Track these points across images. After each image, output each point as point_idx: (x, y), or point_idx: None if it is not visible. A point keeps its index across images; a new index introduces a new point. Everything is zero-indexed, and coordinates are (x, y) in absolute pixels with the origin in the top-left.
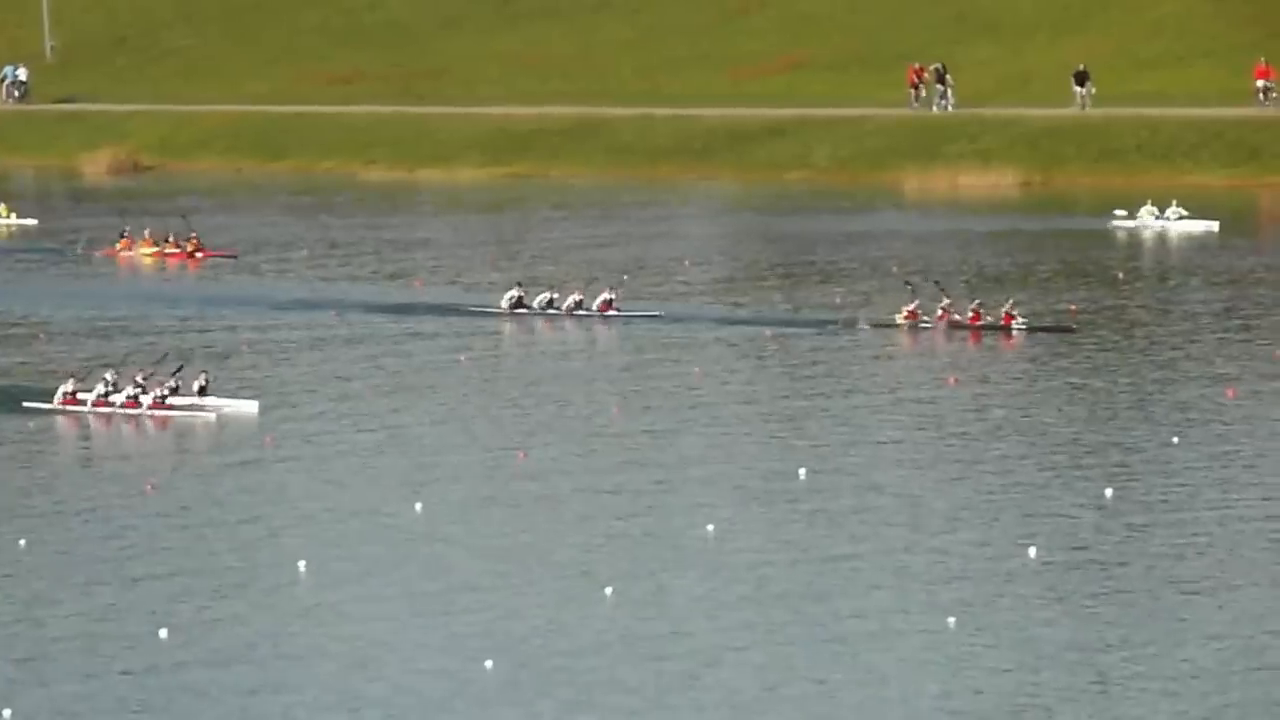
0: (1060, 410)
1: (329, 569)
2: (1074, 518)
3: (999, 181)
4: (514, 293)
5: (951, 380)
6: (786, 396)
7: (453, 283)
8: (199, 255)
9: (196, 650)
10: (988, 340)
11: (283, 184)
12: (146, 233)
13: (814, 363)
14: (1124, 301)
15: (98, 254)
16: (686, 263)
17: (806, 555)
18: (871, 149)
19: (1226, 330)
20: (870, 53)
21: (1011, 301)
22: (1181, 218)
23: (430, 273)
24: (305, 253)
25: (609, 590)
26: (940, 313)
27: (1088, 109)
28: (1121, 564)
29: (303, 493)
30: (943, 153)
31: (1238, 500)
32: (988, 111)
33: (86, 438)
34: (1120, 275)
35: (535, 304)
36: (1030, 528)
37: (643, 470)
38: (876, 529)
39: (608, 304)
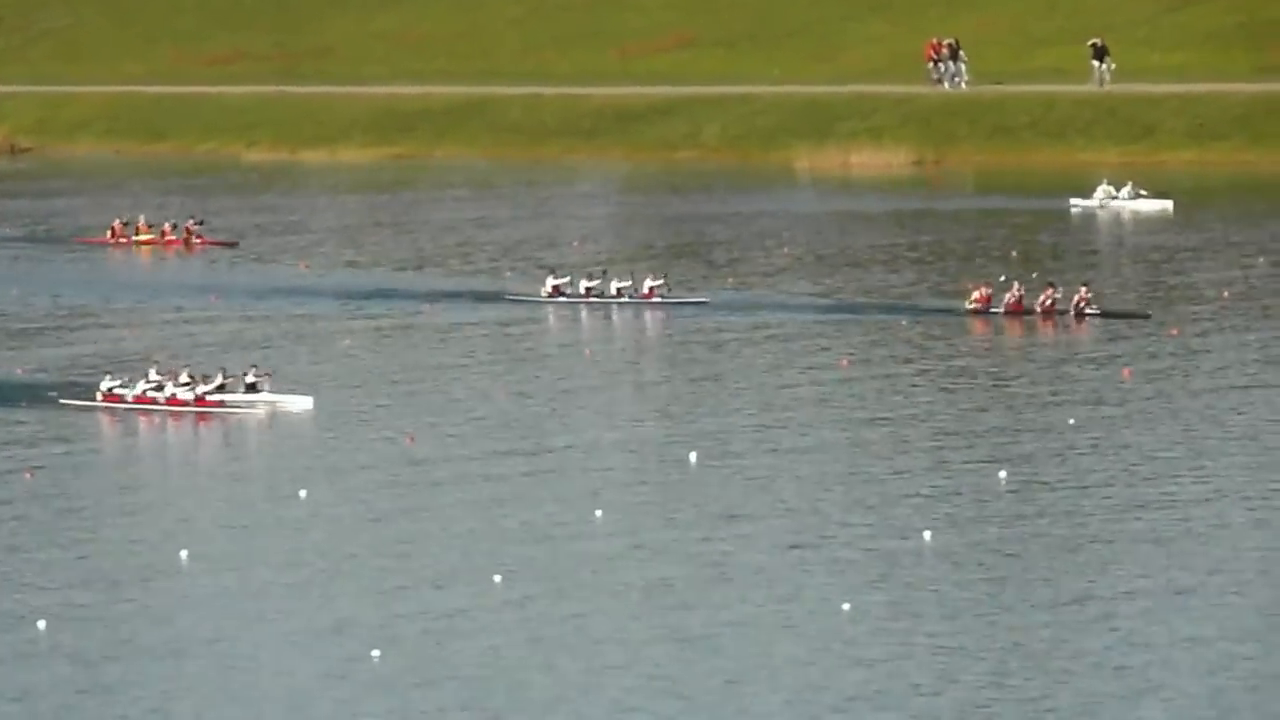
0: (956, 394)
1: (212, 557)
2: (969, 502)
3: (891, 160)
4: (554, 280)
5: (843, 362)
6: (681, 379)
7: (350, 265)
8: (196, 243)
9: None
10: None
11: (163, 166)
12: (141, 219)
13: (717, 347)
14: (1030, 284)
15: (81, 241)
16: (575, 243)
17: (698, 542)
18: (762, 127)
19: (1132, 312)
20: (760, 30)
21: (1085, 287)
22: (1136, 197)
23: (320, 256)
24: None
25: (497, 578)
26: (1011, 299)
27: (1107, 85)
28: (1015, 546)
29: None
30: (834, 131)
31: (1133, 480)
32: (880, 89)
33: (130, 435)
34: (1051, 256)
35: (580, 290)
36: (925, 512)
37: (531, 456)
38: (769, 514)
39: (652, 290)
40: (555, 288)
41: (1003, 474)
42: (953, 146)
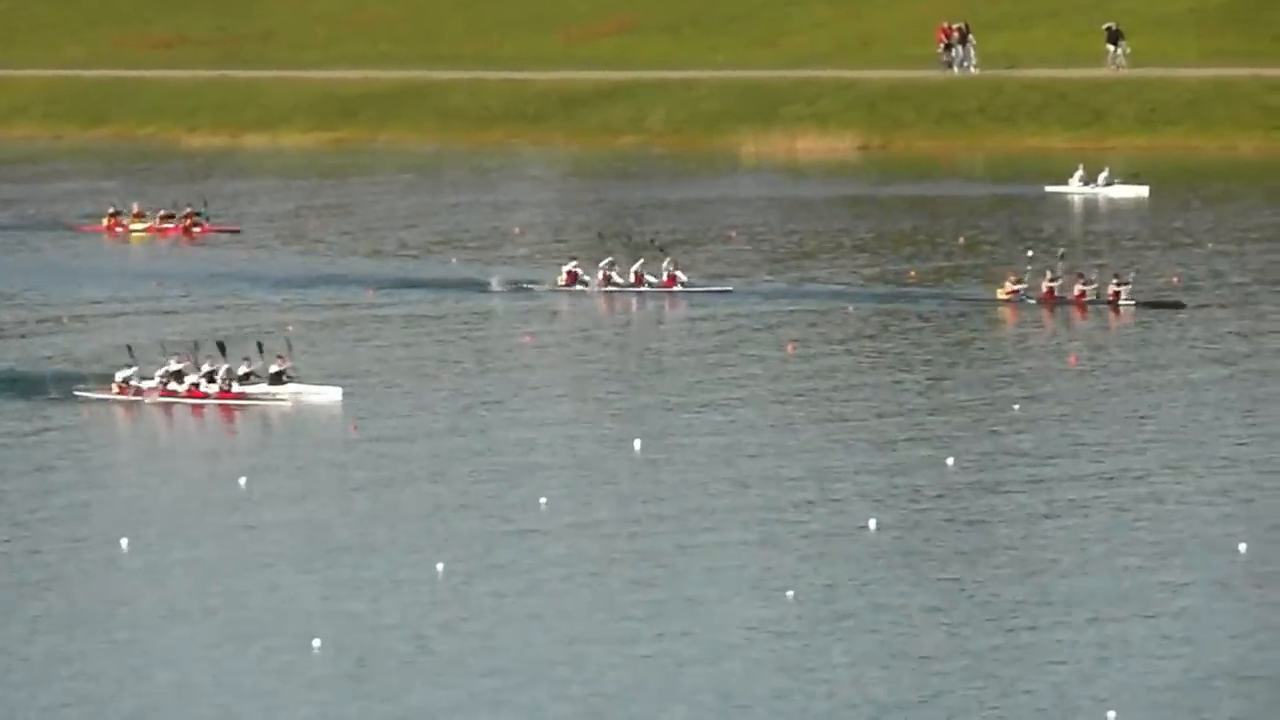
0: (901, 379)
1: (154, 544)
2: (916, 487)
3: (837, 145)
4: (569, 267)
5: (789, 348)
6: (629, 368)
7: (304, 253)
8: (197, 231)
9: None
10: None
11: (104, 151)
12: (135, 207)
13: (663, 333)
14: (959, 265)
15: (80, 230)
16: (516, 230)
17: (642, 528)
18: (706, 112)
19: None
20: (703, 14)
21: (1117, 277)
22: (1111, 183)
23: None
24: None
25: (440, 566)
26: (1045, 289)
27: (1122, 70)
28: (963, 530)
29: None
30: (779, 115)
31: (1078, 465)
32: (825, 73)
33: (145, 429)
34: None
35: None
36: (872, 498)
37: (485, 449)
38: (717, 501)
39: (673, 278)
40: (570, 274)
41: (950, 460)
42: (900, 131)
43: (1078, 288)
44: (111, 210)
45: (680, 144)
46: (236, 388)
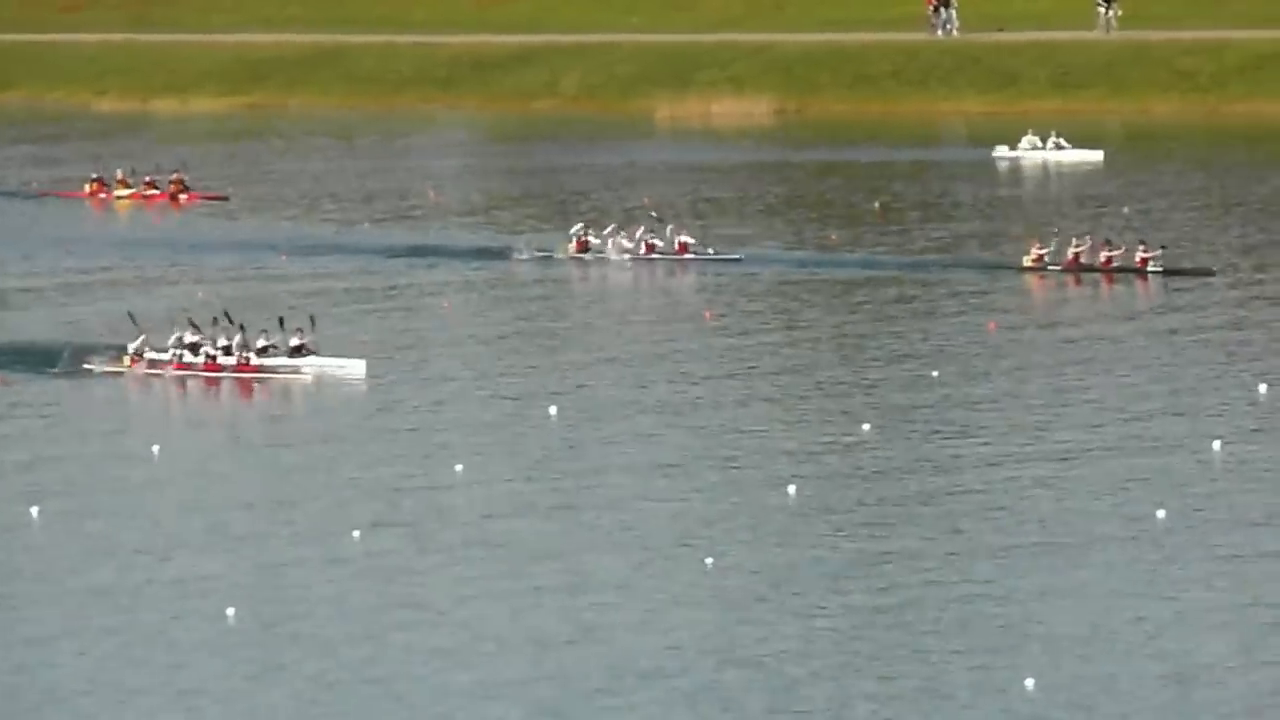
0: (817, 348)
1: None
2: (833, 453)
3: (752, 109)
4: (579, 228)
5: (706, 314)
6: (545, 335)
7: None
8: (182, 199)
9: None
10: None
11: (10, 115)
12: (119, 173)
13: (588, 298)
14: (881, 237)
15: (56, 195)
16: (431, 193)
17: (558, 497)
18: (622, 76)
19: (995, 264)
20: None
21: (1144, 245)
22: (1062, 148)
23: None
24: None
25: (356, 534)
26: (1070, 255)
27: (1113, 32)
28: (878, 497)
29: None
30: (695, 80)
31: (995, 431)
32: (740, 37)
33: (159, 402)
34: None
35: (609, 246)
36: (789, 465)
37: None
38: (635, 470)
39: (684, 246)
40: (581, 242)
41: (866, 426)
42: (815, 95)
43: (1104, 254)
44: (95, 176)
45: (595, 108)
46: (255, 360)
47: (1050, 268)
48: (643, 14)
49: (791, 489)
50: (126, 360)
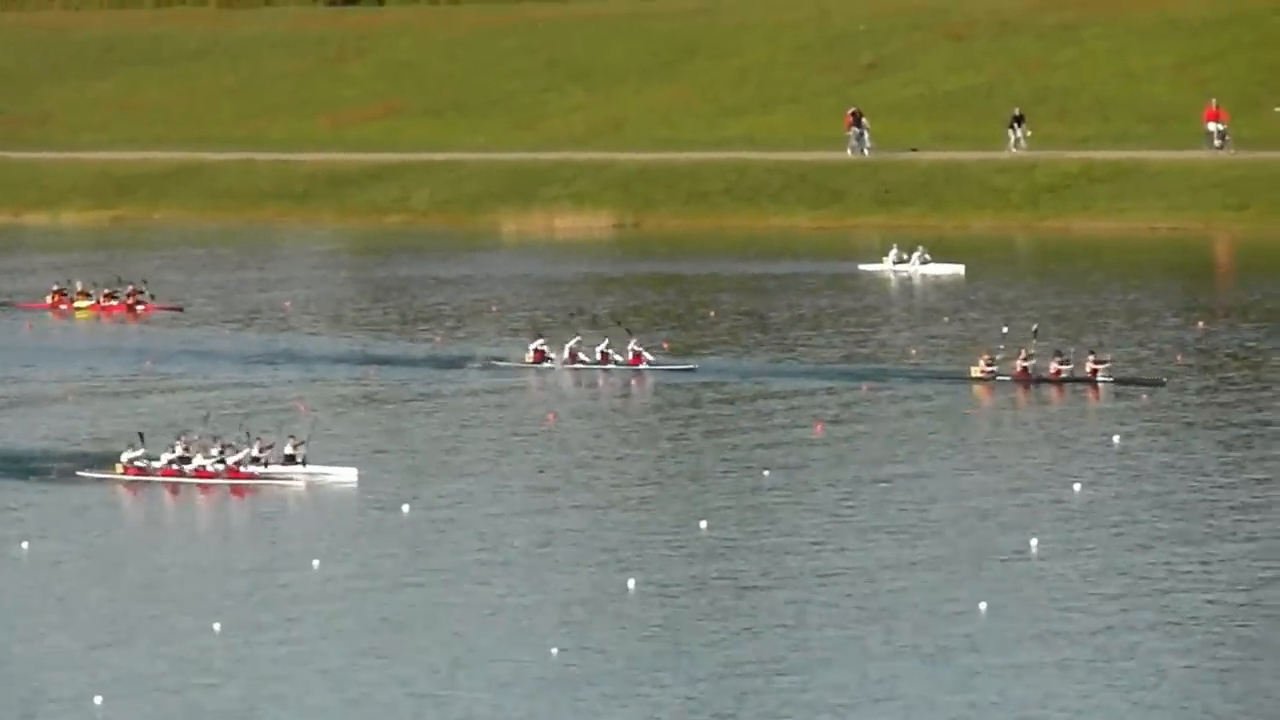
0: (657, 448)
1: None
2: (671, 549)
3: (593, 224)
4: (537, 344)
5: (550, 417)
6: (407, 432)
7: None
8: (141, 309)
9: None
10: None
11: None
12: (79, 285)
13: (419, 401)
14: (743, 344)
15: (20, 307)
16: (286, 304)
17: (404, 590)
18: (470, 192)
19: (822, 368)
20: (465, 99)
21: (1094, 355)
22: (926, 262)
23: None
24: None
25: (217, 626)
26: (1020, 367)
27: (1023, 150)
28: (718, 591)
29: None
30: (538, 195)
31: (824, 530)
32: (581, 155)
33: (153, 509)
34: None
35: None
36: (628, 559)
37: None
38: (477, 562)
39: (638, 356)
40: (538, 352)
41: (704, 524)
42: (651, 210)
43: (1054, 365)
44: (56, 288)
45: (444, 222)
46: (246, 468)
47: (999, 378)
48: (489, 134)
49: (631, 582)
50: (119, 468)
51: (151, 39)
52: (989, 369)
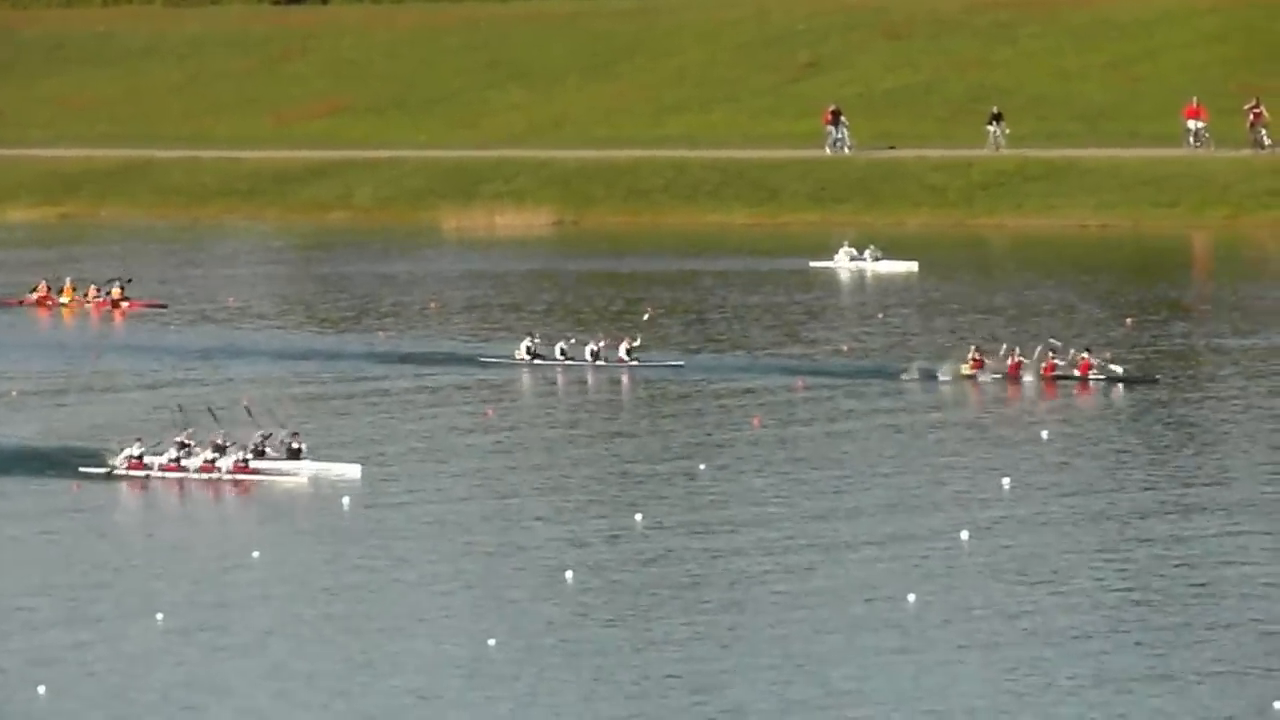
0: (593, 441)
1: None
2: (608, 542)
3: (533, 220)
4: (528, 342)
5: (489, 412)
6: (348, 425)
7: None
8: (124, 305)
9: None
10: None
11: None
12: (67, 282)
13: (350, 398)
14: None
15: (4, 303)
16: (231, 300)
17: (346, 583)
18: (411, 189)
19: (763, 364)
20: (407, 97)
21: (1089, 351)
22: (879, 259)
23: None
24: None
25: (159, 617)
26: (1011, 363)
27: (1002, 149)
28: (653, 586)
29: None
30: (479, 192)
31: (763, 522)
32: (521, 153)
33: (155, 505)
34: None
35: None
36: (566, 551)
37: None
38: (418, 558)
39: (628, 353)
40: (530, 350)
41: (639, 517)
42: (591, 207)
43: (1046, 361)
44: (44, 284)
45: (386, 219)
46: (251, 464)
47: (993, 377)
48: (430, 132)
49: (569, 575)
50: (123, 463)
51: (99, 37)
52: (978, 365)
